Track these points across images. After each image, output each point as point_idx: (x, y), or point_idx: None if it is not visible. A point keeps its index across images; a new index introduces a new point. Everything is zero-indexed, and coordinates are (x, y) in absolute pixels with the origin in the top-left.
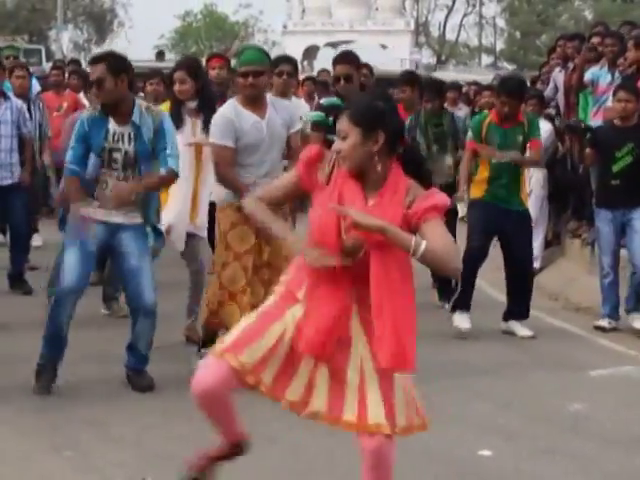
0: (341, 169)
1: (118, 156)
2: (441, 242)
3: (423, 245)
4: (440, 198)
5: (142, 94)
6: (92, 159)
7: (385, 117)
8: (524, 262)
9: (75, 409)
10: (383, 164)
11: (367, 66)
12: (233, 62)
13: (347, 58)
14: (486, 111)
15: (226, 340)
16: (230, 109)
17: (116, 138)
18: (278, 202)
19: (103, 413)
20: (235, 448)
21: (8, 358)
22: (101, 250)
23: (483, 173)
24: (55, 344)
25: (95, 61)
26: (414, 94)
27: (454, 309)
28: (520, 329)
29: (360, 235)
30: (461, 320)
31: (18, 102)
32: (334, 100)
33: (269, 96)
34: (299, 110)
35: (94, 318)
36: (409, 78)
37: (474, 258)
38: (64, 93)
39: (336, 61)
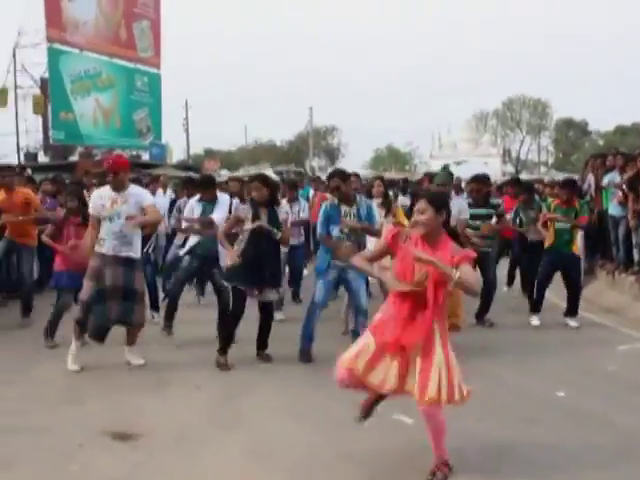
0: (414, 235)
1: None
2: (470, 275)
3: (457, 274)
4: (469, 253)
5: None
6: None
7: (447, 202)
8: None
9: None
10: (440, 230)
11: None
12: None
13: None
14: (550, 199)
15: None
16: None
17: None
18: (373, 260)
19: None
20: (379, 396)
21: None
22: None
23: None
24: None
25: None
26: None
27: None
28: (572, 321)
29: (426, 272)
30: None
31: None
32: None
33: None
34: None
35: None
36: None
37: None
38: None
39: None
